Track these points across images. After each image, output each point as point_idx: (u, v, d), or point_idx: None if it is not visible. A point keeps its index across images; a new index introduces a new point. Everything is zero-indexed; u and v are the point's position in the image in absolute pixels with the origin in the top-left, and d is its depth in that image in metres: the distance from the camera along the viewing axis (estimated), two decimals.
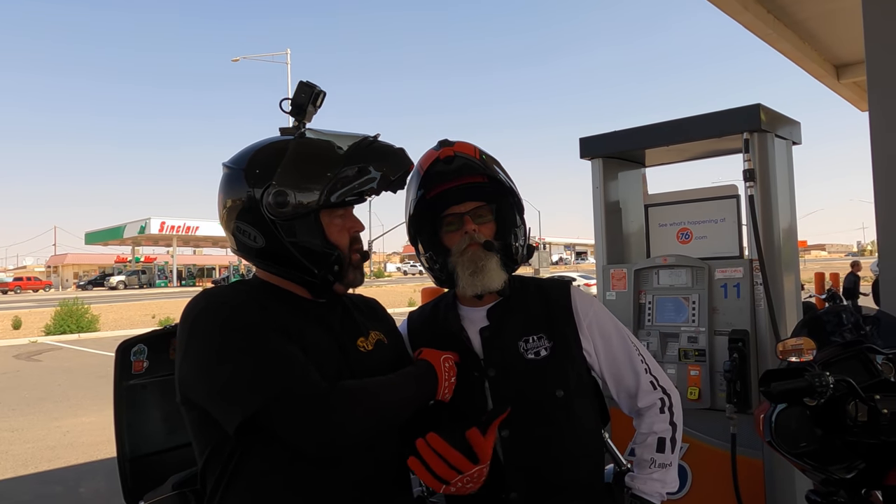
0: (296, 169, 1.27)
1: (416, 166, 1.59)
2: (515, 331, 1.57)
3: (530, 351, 1.55)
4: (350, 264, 1.34)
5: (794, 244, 2.86)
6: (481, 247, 1.55)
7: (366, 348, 1.37)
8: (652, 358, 1.67)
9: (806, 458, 1.72)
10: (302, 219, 1.27)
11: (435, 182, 1.58)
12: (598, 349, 1.62)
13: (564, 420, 1.54)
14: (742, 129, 2.66)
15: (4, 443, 6.79)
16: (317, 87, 1.33)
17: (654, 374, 1.63)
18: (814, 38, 5.85)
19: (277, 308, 1.28)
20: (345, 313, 1.41)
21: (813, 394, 1.61)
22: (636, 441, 1.62)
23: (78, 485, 5.29)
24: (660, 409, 1.60)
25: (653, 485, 1.55)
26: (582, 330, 1.60)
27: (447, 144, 1.59)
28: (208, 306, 1.23)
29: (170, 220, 48.67)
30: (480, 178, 1.59)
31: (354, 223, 1.37)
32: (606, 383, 1.66)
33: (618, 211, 3.28)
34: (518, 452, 1.50)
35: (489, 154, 1.63)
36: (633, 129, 3.08)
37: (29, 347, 16.26)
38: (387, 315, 1.58)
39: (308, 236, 1.28)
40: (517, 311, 1.60)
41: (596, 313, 1.64)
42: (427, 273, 1.68)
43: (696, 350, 2.73)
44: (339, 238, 1.32)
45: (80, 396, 9.23)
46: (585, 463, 1.56)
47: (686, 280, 2.83)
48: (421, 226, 1.65)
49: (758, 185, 2.64)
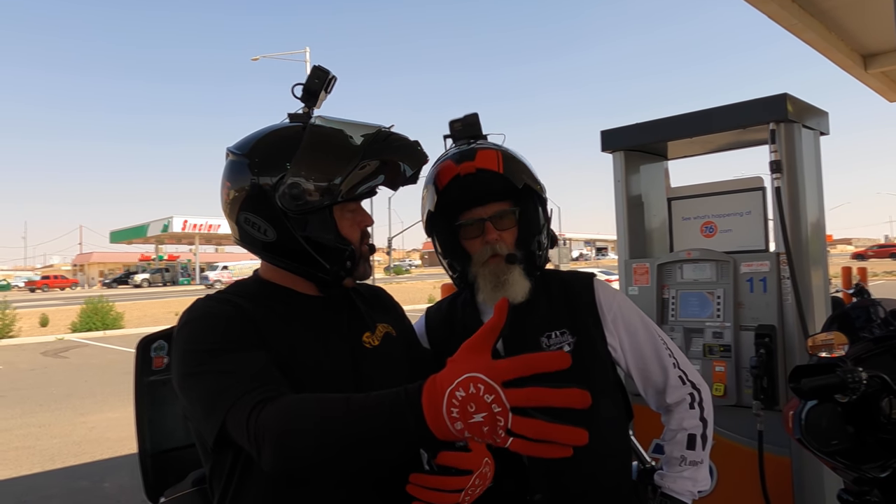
0: (313, 160, 1.21)
1: (432, 171, 1.54)
2: (537, 326, 1.52)
3: (553, 347, 1.49)
4: (361, 258, 1.32)
5: (822, 238, 2.79)
6: (504, 259, 1.48)
7: (371, 343, 1.32)
8: (680, 351, 1.61)
9: (838, 456, 1.67)
10: (316, 213, 1.23)
11: (454, 196, 1.51)
12: (624, 344, 1.55)
13: (589, 419, 1.48)
14: (768, 119, 2.60)
15: (32, 438, 6.91)
16: (330, 73, 1.30)
17: (683, 369, 1.57)
18: (840, 28, 5.71)
19: (266, 315, 1.22)
20: (351, 307, 1.36)
21: (845, 390, 1.56)
22: (665, 438, 1.57)
23: (103, 480, 5.35)
24: (689, 405, 1.54)
25: (683, 483, 1.50)
26: (606, 324, 1.54)
27: (468, 157, 1.48)
28: (188, 320, 1.18)
29: (192, 218, 49.21)
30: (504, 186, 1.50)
31: (364, 217, 1.33)
32: (632, 379, 1.61)
33: (640, 205, 3.23)
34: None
35: (512, 155, 1.53)
36: (656, 122, 3.03)
37: (56, 345, 16.55)
38: (394, 303, 1.52)
39: (321, 231, 1.24)
40: (539, 307, 1.54)
41: (620, 306, 1.58)
42: (450, 278, 1.63)
43: (721, 345, 2.68)
44: (350, 232, 1.29)
45: (106, 393, 9.37)
46: (611, 463, 1.51)
47: (711, 274, 2.78)
48: (438, 227, 1.58)
49: (785, 176, 2.58)
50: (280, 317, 1.24)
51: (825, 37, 5.62)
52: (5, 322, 17.58)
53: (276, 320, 1.22)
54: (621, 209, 3.14)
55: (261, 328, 1.18)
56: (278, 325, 1.21)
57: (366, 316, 1.37)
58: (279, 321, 1.23)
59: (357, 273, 1.31)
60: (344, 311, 1.33)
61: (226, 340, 1.13)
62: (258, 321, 1.18)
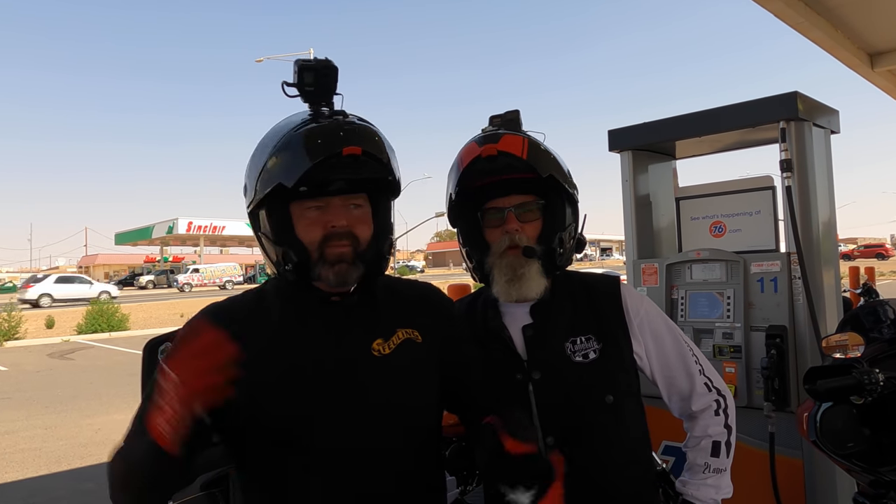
0: (251, 159, 1.23)
1: (457, 156, 1.51)
2: (561, 331, 1.48)
3: (578, 353, 1.45)
4: (321, 260, 1.18)
5: (833, 237, 2.76)
6: (521, 252, 1.44)
7: (382, 352, 1.22)
8: (704, 357, 1.58)
9: (854, 458, 1.65)
10: (261, 210, 1.21)
11: (475, 178, 1.47)
12: (650, 351, 1.52)
13: (613, 426, 1.45)
14: (778, 117, 2.57)
15: (38, 440, 6.92)
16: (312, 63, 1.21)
17: (709, 376, 1.53)
18: (847, 26, 5.67)
19: (266, 319, 1.22)
20: (368, 311, 1.27)
21: (861, 392, 1.54)
22: (688, 445, 1.54)
23: None
24: (715, 412, 1.51)
25: (707, 491, 1.46)
26: (633, 331, 1.51)
27: (492, 140, 1.45)
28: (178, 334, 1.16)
29: (197, 220, 49.29)
30: (528, 174, 1.45)
31: (333, 216, 1.19)
32: (656, 385, 1.57)
33: (648, 204, 3.21)
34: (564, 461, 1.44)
35: (539, 145, 1.48)
36: (664, 121, 3.01)
37: (62, 346, 16.59)
38: (438, 306, 1.39)
39: (269, 229, 1.22)
40: (563, 310, 1.50)
41: (647, 312, 1.54)
42: (466, 269, 1.59)
43: (731, 346, 2.65)
44: (305, 233, 1.19)
45: (112, 395, 9.38)
46: (634, 470, 1.48)
47: (720, 274, 2.76)
48: (461, 216, 1.54)
49: (795, 175, 2.55)
50: (279, 319, 1.22)
51: (831, 35, 5.59)
52: (11, 324, 17.63)
53: (270, 325, 1.21)
54: (629, 209, 3.12)
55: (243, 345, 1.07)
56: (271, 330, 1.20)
57: (385, 321, 1.27)
58: (277, 324, 1.21)
59: (321, 276, 1.19)
60: (352, 315, 1.25)
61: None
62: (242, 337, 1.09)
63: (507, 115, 1.55)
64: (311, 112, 1.23)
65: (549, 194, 1.50)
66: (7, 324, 17.51)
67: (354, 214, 1.22)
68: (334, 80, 1.22)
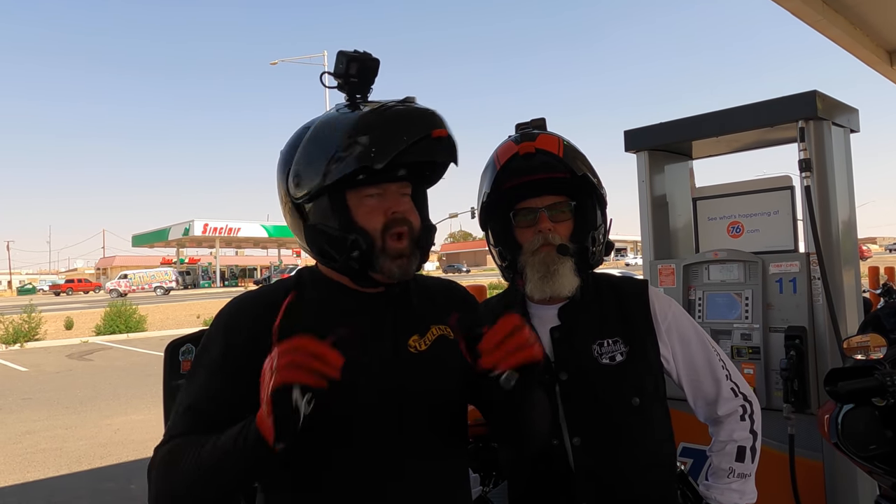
0: (308, 147, 1.19)
1: (493, 155, 1.52)
2: (589, 333, 1.49)
3: (605, 355, 1.47)
4: (383, 251, 1.17)
5: (853, 237, 2.74)
6: (555, 249, 1.45)
7: (418, 348, 1.22)
8: (731, 362, 1.58)
9: (876, 461, 1.64)
10: (318, 200, 1.18)
11: (511, 177, 1.48)
12: (677, 355, 1.52)
13: (639, 429, 1.46)
14: (797, 117, 2.55)
15: (59, 440, 7.01)
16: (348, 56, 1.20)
17: (735, 381, 1.54)
18: (865, 24, 5.62)
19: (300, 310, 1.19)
20: (403, 307, 1.25)
21: (884, 393, 1.53)
22: (713, 449, 1.54)
23: (129, 481, 5.40)
24: (741, 417, 1.51)
25: (731, 495, 1.46)
26: (660, 334, 1.51)
27: (529, 138, 1.47)
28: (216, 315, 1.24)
29: (213, 221, 49.75)
30: (562, 174, 1.47)
31: (393, 203, 1.18)
32: (682, 389, 1.57)
33: (664, 205, 3.20)
34: (590, 461, 1.43)
35: (573, 146, 1.51)
36: (680, 121, 3.00)
37: (80, 347, 16.81)
38: (465, 302, 1.38)
39: (325, 218, 1.18)
40: (591, 312, 1.51)
41: (675, 316, 1.55)
42: (498, 268, 1.60)
43: (749, 347, 2.64)
44: (367, 221, 1.17)
45: (130, 395, 9.48)
46: (658, 473, 1.49)
47: (738, 275, 2.74)
48: (492, 216, 1.55)
49: (814, 175, 2.53)
50: (314, 313, 1.20)
51: (850, 33, 5.54)
52: (31, 325, 17.91)
53: (309, 317, 1.19)
54: (646, 209, 3.11)
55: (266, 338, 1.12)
56: (310, 322, 1.16)
57: (419, 317, 1.26)
58: (312, 318, 1.18)
59: (381, 268, 1.17)
60: (390, 311, 1.24)
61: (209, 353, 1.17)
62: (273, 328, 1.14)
63: (534, 122, 1.57)
64: (349, 102, 1.22)
65: (580, 195, 1.51)
66: (27, 325, 17.78)
67: (407, 203, 1.22)
68: (375, 72, 1.22)
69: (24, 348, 16.98)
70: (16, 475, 5.78)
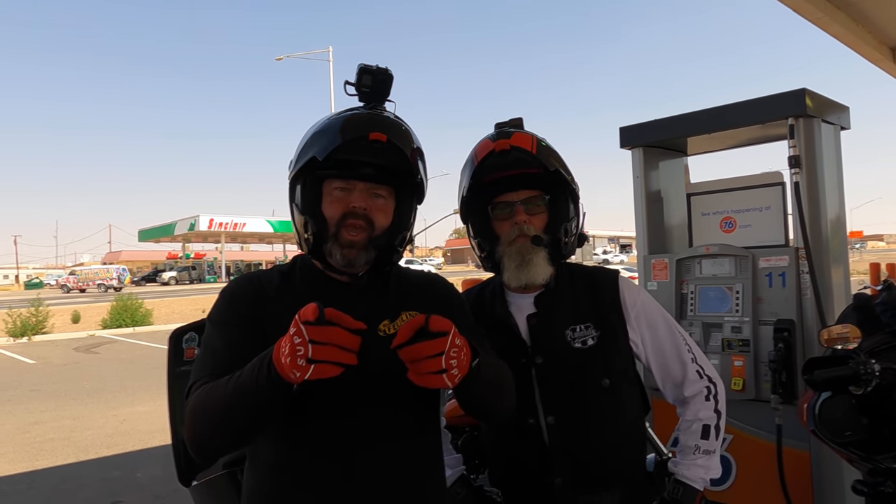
0: (301, 139, 1.35)
1: (471, 152, 1.61)
2: (563, 319, 1.58)
3: (577, 340, 1.56)
4: (335, 239, 1.27)
5: (842, 233, 2.78)
6: (530, 240, 1.54)
7: (386, 332, 1.28)
8: (697, 347, 1.67)
9: (852, 447, 1.70)
10: (298, 181, 1.32)
11: (488, 172, 1.57)
12: (646, 340, 1.62)
13: (609, 408, 1.55)
14: (787, 114, 2.60)
15: (67, 430, 7.12)
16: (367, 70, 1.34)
17: (700, 364, 1.63)
18: (868, 20, 5.62)
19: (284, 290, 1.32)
20: (378, 295, 1.34)
21: (858, 382, 1.58)
22: (680, 428, 1.63)
23: (135, 470, 5.50)
24: (705, 397, 1.60)
25: (696, 470, 1.55)
26: (629, 321, 1.61)
27: (504, 136, 1.56)
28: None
29: (218, 217, 49.85)
30: (536, 170, 1.56)
31: (357, 199, 1.28)
32: (651, 373, 1.66)
33: (659, 201, 3.25)
34: (563, 438, 1.52)
35: (547, 144, 1.60)
36: (675, 118, 3.04)
37: (87, 340, 16.94)
38: (444, 294, 1.45)
39: (301, 200, 1.31)
40: (565, 300, 1.61)
41: (644, 304, 1.64)
42: (478, 259, 1.68)
43: (739, 340, 2.69)
44: (328, 209, 1.29)
45: (136, 387, 9.59)
46: (629, 451, 1.58)
47: (729, 269, 2.79)
48: (472, 210, 1.64)
49: (804, 171, 2.58)
50: (298, 294, 1.29)
51: (852, 29, 5.54)
52: (39, 319, 18.05)
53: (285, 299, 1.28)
54: (640, 205, 3.16)
55: (259, 305, 1.29)
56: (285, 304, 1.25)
57: (392, 304, 1.34)
58: (292, 300, 1.23)
59: (333, 256, 1.27)
60: (364, 299, 1.31)
61: (220, 314, 1.31)
62: (261, 299, 1.30)
63: (511, 122, 1.65)
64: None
65: (554, 189, 1.60)
66: (35, 318, 17.93)
67: (376, 202, 1.31)
68: (388, 85, 1.34)
69: (32, 341, 17.13)
70: (25, 463, 5.89)
